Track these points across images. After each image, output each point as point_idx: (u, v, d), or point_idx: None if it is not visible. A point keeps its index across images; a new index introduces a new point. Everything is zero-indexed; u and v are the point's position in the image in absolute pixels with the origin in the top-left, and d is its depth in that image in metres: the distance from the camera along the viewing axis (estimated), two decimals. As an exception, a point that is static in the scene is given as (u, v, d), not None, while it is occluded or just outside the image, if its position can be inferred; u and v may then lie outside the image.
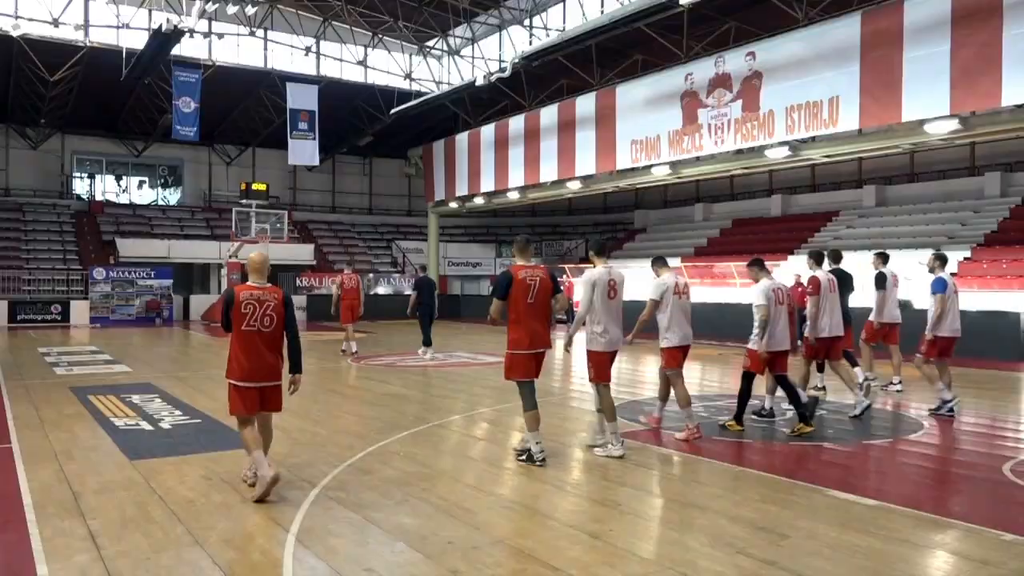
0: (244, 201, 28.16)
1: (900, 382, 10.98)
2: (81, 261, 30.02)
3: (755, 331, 8.07)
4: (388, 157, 39.62)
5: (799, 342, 8.98)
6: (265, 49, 30.58)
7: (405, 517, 5.32)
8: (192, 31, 23.87)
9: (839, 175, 28.55)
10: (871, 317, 10.81)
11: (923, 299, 10.22)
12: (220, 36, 28.80)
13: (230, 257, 27.92)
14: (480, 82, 25.41)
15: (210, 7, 24.49)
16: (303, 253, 32.78)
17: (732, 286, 23.97)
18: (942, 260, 9.43)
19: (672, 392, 8.02)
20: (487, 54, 30.35)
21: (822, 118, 17.31)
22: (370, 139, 35.69)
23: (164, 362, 15.80)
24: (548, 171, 25.89)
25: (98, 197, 35.66)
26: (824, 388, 10.86)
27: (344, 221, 39.45)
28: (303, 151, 29.78)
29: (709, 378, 13.64)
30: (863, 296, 11.24)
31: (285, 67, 30.83)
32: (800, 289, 12.16)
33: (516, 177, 27.51)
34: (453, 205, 32.40)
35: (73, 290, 28.04)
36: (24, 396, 10.51)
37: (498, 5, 28.39)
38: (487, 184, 29.15)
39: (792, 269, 21.75)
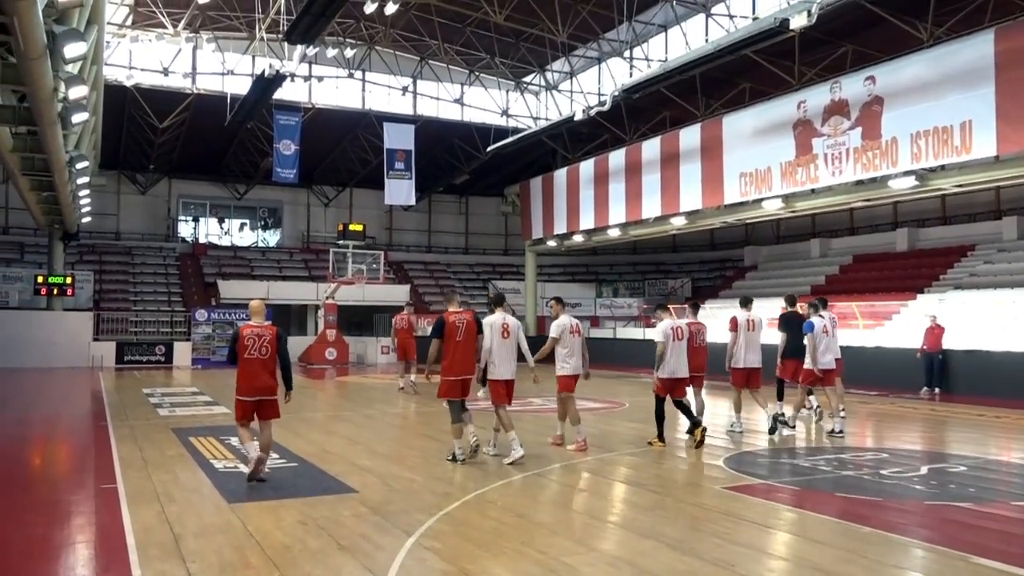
0: (341, 242, 29.19)
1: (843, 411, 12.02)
2: (184, 303, 31.72)
3: (656, 362, 10.11)
4: (484, 195, 40.36)
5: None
6: (363, 90, 31.92)
7: (502, 571, 5.28)
8: (293, 75, 25.26)
9: (974, 206, 27.14)
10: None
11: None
12: (320, 79, 30.28)
13: (327, 298, 28.86)
14: (579, 116, 25.62)
15: (311, 51, 25.86)
16: (399, 294, 33.55)
17: (855, 328, 22.99)
18: (815, 307, 11.63)
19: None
20: (586, 88, 30.70)
21: (953, 145, 16.57)
22: (466, 177, 36.48)
23: (262, 404, 16.37)
24: (651, 207, 25.71)
25: (201, 239, 37.77)
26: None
27: (440, 261, 40.27)
28: (399, 191, 30.69)
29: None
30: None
31: (382, 107, 32.06)
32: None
33: (617, 213, 27.43)
34: (551, 243, 32.55)
35: (176, 331, 29.62)
36: (129, 436, 11.10)
37: (597, 38, 28.71)
38: (586, 221, 29.18)
39: (922, 309, 20.74)
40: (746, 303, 11.63)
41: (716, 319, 14.26)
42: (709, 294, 32.22)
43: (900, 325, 21.89)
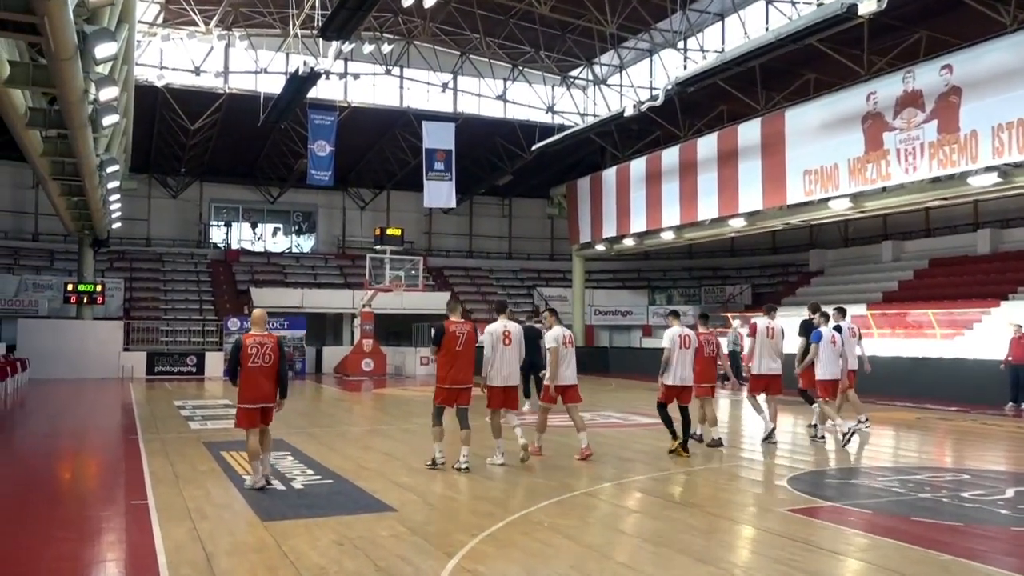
0: (378, 247, 29.44)
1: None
2: (216, 311, 32.32)
3: (661, 368, 10.75)
4: (529, 197, 40.41)
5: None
6: (401, 87, 32.23)
7: (550, 597, 5.26)
8: (328, 73, 25.60)
9: (1063, 204, 26.37)
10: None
11: None
12: (356, 76, 30.68)
13: (364, 306, 29.15)
14: (629, 112, 25.53)
15: (346, 47, 26.20)
16: (438, 301, 33.65)
17: (931, 337, 22.49)
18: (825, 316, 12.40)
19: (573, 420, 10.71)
20: (636, 81, 30.60)
21: (1039, 137, 16.15)
22: (510, 178, 36.57)
23: (296, 418, 16.59)
24: (707, 208, 25.51)
25: (234, 245, 38.50)
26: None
27: (482, 267, 40.42)
28: (439, 193, 30.89)
29: (905, 447, 12.81)
30: None
31: (421, 105, 32.35)
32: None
33: (670, 215, 27.27)
34: (600, 248, 32.46)
35: (208, 341, 30.18)
36: (160, 450, 11.33)
37: (649, 28, 28.59)
38: (638, 224, 29.05)
39: (1006, 317, 20.20)
40: (770, 311, 12.41)
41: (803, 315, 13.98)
42: (771, 301, 31.67)
43: (981, 335, 21.36)
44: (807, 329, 12.66)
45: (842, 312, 13.18)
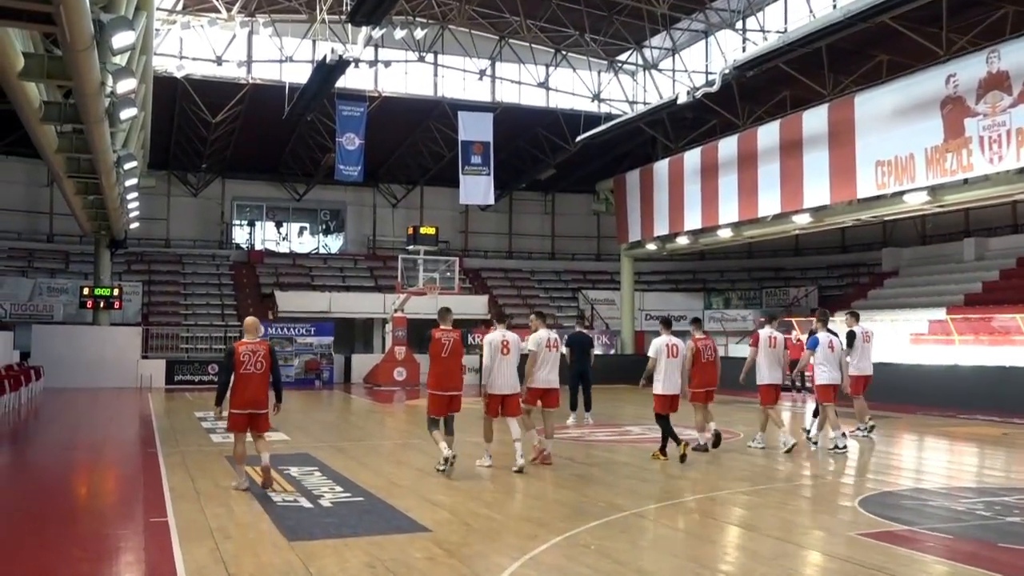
0: (411, 247, 29.60)
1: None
2: (239, 316, 32.72)
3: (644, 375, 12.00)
4: (573, 192, 40.36)
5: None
6: (435, 75, 32.41)
7: (598, 626, 5.25)
8: (358, 61, 25.77)
9: None
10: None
11: None
12: (387, 64, 30.86)
13: (396, 311, 29.32)
14: (683, 99, 25.39)
15: (377, 33, 26.42)
16: (476, 305, 33.79)
17: (1019, 344, 22.02)
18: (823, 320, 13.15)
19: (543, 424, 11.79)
20: (690, 66, 30.38)
21: None
22: (552, 172, 36.56)
23: (323, 430, 16.78)
24: (768, 203, 25.26)
25: (257, 246, 39.02)
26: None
27: (522, 268, 40.46)
28: (476, 188, 30.97)
29: (991, 465, 12.56)
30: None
31: (457, 94, 32.47)
32: None
33: (728, 211, 27.04)
34: (651, 247, 32.30)
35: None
36: (180, 465, 11.53)
37: (704, 7, 28.42)
38: (692, 221, 28.85)
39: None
40: (771, 319, 13.50)
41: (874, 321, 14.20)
42: (840, 304, 31.25)
43: (1077, 341, 20.89)
44: (851, 340, 13.84)
45: (855, 317, 14.52)
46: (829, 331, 13.07)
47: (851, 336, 13.99)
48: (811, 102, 25.03)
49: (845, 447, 12.36)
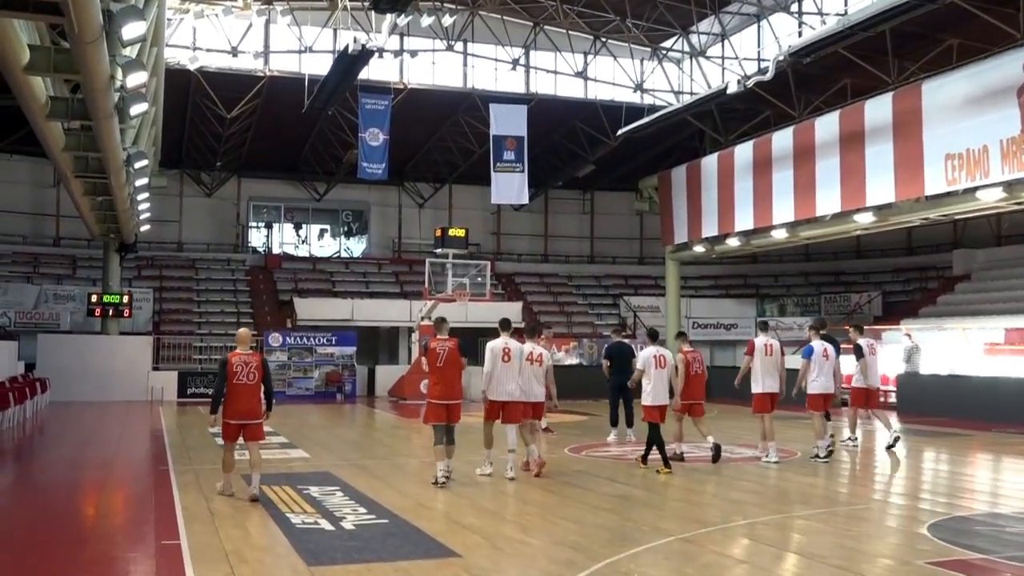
0: (439, 251, 29.66)
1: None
2: (255, 324, 33.02)
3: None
4: (614, 190, 40.30)
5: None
6: (464, 65, 32.52)
7: (641, 660, 5.24)
8: (382, 50, 25.88)
9: None
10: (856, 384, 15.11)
11: None
12: (413, 54, 31.05)
13: (423, 319, 29.37)
14: (733, 89, 25.27)
15: (402, 21, 26.54)
16: (509, 312, 33.68)
17: (1106, 355, 21.66)
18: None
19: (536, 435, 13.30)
20: (742, 53, 30.23)
21: None
22: (591, 168, 36.51)
23: (345, 447, 16.88)
24: (827, 201, 25.04)
25: (275, 250, 39.36)
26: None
27: (559, 272, 40.46)
28: (509, 187, 30.98)
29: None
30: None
31: (488, 86, 32.56)
32: None
33: (783, 210, 26.84)
34: (699, 249, 32.15)
35: (247, 359, 30.81)
36: (194, 484, 11.64)
37: (755, -12, 28.31)
38: (744, 221, 28.68)
39: None
40: (764, 327, 14.50)
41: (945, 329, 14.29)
42: (907, 312, 31.03)
43: None
44: (858, 353, 15.00)
45: (859, 329, 15.64)
46: (824, 339, 13.94)
47: (858, 349, 15.08)
48: (874, 91, 24.82)
49: (827, 458, 13.32)
